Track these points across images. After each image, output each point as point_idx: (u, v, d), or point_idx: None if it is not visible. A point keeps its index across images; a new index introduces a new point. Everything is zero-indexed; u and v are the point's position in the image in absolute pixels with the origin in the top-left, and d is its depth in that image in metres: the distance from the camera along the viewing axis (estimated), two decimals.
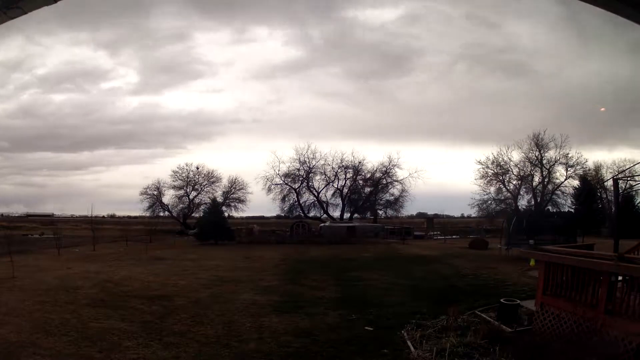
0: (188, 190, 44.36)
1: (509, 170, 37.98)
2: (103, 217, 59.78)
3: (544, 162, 36.56)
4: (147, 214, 44.89)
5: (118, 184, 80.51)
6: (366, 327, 7.40)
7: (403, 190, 42.90)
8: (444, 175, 79.12)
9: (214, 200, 38.80)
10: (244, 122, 74.41)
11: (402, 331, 6.96)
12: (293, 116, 72.67)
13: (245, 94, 78.52)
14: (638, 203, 34.14)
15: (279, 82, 71.26)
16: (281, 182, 42.95)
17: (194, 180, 44.30)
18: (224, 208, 40.38)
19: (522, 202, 37.92)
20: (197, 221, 37.96)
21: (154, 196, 43.98)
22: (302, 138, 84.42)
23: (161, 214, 45.43)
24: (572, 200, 37.35)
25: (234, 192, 44.12)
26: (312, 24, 69.11)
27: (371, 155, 70.40)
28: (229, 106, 78.73)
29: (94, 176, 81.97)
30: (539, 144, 36.13)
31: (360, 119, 69.11)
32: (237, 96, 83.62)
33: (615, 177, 18.95)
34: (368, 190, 44.32)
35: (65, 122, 67.50)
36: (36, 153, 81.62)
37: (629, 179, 22.46)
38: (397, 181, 43.10)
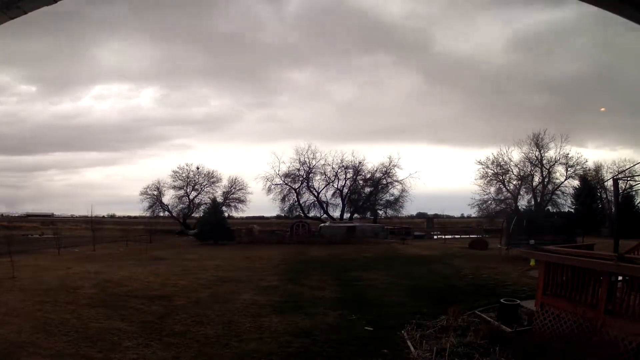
0: (188, 190, 44.36)
1: (509, 170, 38.02)
2: (103, 217, 60.00)
3: (544, 162, 36.62)
4: (147, 214, 44.89)
5: (88, 184, 79.68)
6: (366, 327, 7.40)
7: (403, 191, 43.01)
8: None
9: (214, 200, 38.77)
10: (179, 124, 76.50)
11: (402, 331, 6.96)
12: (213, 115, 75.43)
13: (169, 95, 79.03)
14: (638, 203, 34.19)
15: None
16: (281, 182, 43.04)
17: (194, 180, 44.33)
18: (224, 208, 40.43)
19: (522, 202, 37.93)
20: (197, 221, 37.90)
21: (154, 196, 44.04)
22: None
23: (161, 214, 45.43)
24: (572, 200, 37.37)
25: (234, 192, 44.17)
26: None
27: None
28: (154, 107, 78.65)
29: (64, 177, 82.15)
30: (539, 144, 36.22)
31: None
32: (159, 98, 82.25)
33: (615, 177, 19.00)
34: (368, 190, 44.34)
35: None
36: None
37: (629, 179, 22.52)
38: (397, 181, 43.18)
